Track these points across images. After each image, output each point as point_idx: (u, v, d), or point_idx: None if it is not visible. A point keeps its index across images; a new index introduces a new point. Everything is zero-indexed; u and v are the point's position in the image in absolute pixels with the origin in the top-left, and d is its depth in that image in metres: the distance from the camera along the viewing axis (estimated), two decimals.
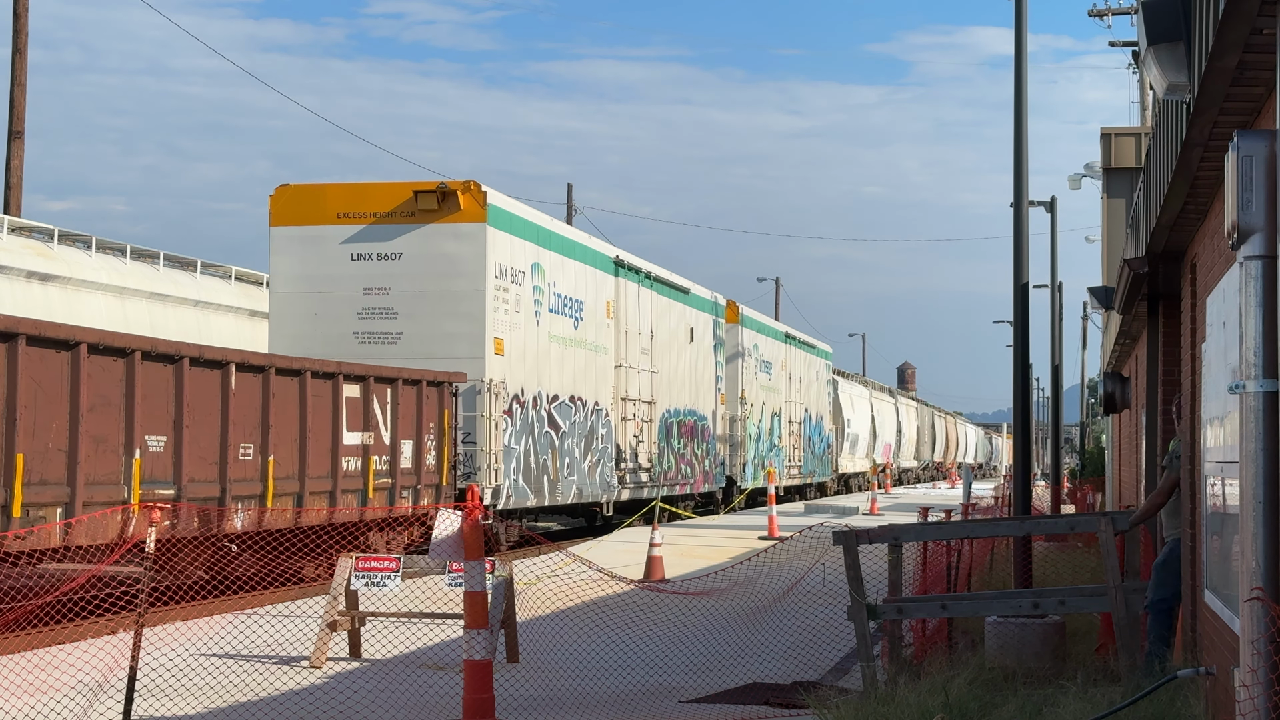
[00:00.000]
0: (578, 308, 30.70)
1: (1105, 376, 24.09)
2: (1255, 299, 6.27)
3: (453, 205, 25.87)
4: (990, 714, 10.03)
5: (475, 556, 10.61)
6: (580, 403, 30.62)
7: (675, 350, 38.52)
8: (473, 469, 25.32)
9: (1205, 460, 9.66)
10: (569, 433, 29.85)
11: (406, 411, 23.06)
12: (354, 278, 26.10)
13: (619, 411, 33.26)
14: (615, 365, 33.13)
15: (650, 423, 35.70)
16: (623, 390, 33.52)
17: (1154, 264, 13.15)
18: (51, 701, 11.32)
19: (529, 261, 27.79)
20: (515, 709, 11.42)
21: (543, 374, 28.39)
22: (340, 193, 26.65)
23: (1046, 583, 18.34)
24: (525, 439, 27.36)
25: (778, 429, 51.44)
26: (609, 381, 32.78)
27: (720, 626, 15.77)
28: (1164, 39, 7.52)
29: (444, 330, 25.71)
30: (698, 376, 41.04)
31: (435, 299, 25.79)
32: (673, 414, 38.13)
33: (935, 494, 66.55)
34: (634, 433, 34.32)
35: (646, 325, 35.64)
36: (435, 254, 25.79)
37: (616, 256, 33.74)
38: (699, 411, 41.09)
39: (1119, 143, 28.52)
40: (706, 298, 42.54)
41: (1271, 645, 6.08)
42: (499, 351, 26.12)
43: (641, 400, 34.94)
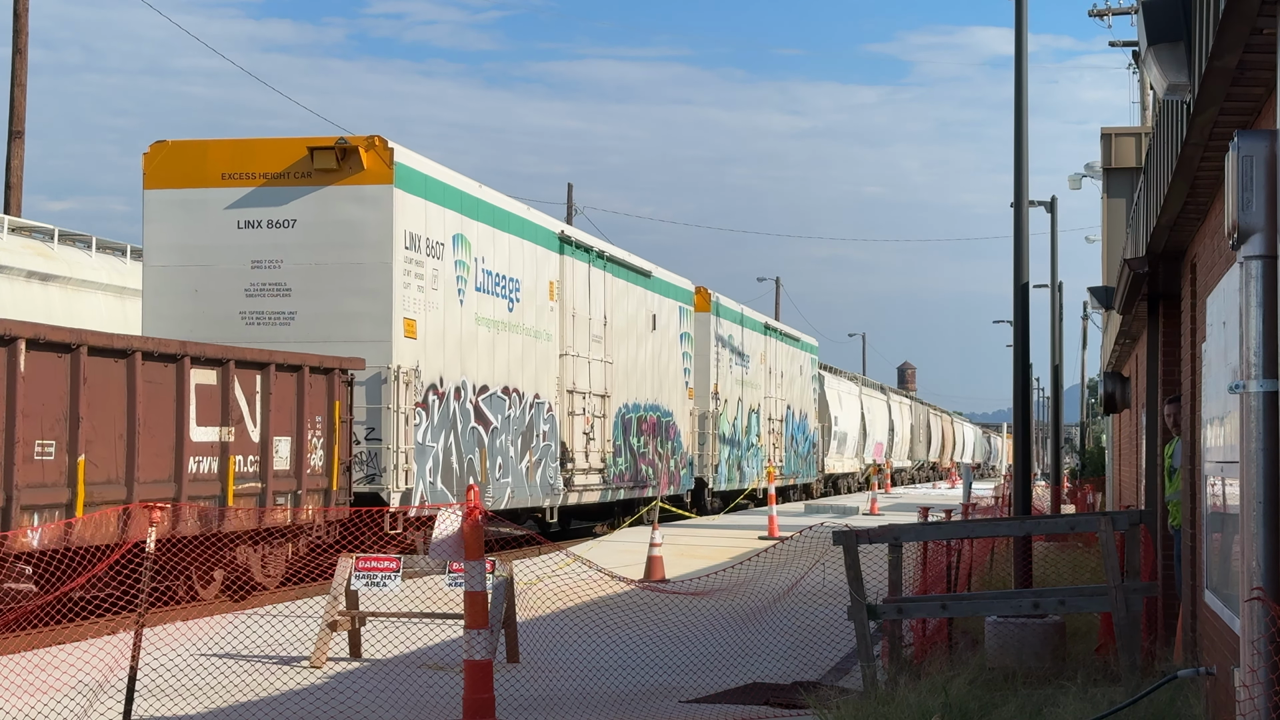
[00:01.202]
0: (513, 287, 27.36)
1: (1105, 376, 24.08)
2: (1255, 299, 6.27)
3: (354, 164, 22.60)
4: (990, 714, 10.03)
5: (475, 556, 10.62)
6: (517, 395, 27.37)
7: (634, 339, 35.11)
8: (377, 470, 22.22)
9: (1205, 460, 9.66)
10: (502, 429, 26.58)
11: (282, 403, 19.71)
12: (241, 249, 22.81)
13: (565, 405, 29.96)
14: (561, 354, 29.84)
15: (604, 418, 32.30)
16: (569, 381, 30.14)
17: (1154, 264, 13.14)
18: (51, 701, 11.32)
19: (450, 232, 24.48)
20: (515, 709, 11.42)
21: (468, 361, 25.20)
22: (224, 150, 23.20)
23: (1046, 583, 18.34)
24: (445, 435, 24.19)
25: (756, 426, 48.37)
26: (552, 371, 29.45)
27: (720, 626, 15.76)
28: (1164, 39, 7.52)
29: (345, 309, 22.52)
30: (661, 368, 37.66)
31: (335, 273, 22.61)
32: (631, 409, 34.72)
33: (935, 494, 66.54)
34: (583, 429, 30.95)
35: (599, 310, 32.15)
36: (334, 221, 22.60)
37: (562, 232, 30.41)
38: (663, 407, 37.71)
39: (1119, 143, 28.51)
40: (672, 282, 39.16)
41: (1272, 645, 6.08)
42: (410, 334, 22.93)
43: (593, 393, 31.61)
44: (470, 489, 11.17)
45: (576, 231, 31.71)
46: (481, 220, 25.89)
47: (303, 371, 20.14)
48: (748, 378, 47.32)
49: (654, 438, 36.68)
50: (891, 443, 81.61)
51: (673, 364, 38.80)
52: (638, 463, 35.17)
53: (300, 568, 20.76)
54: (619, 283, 33.80)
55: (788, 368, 53.91)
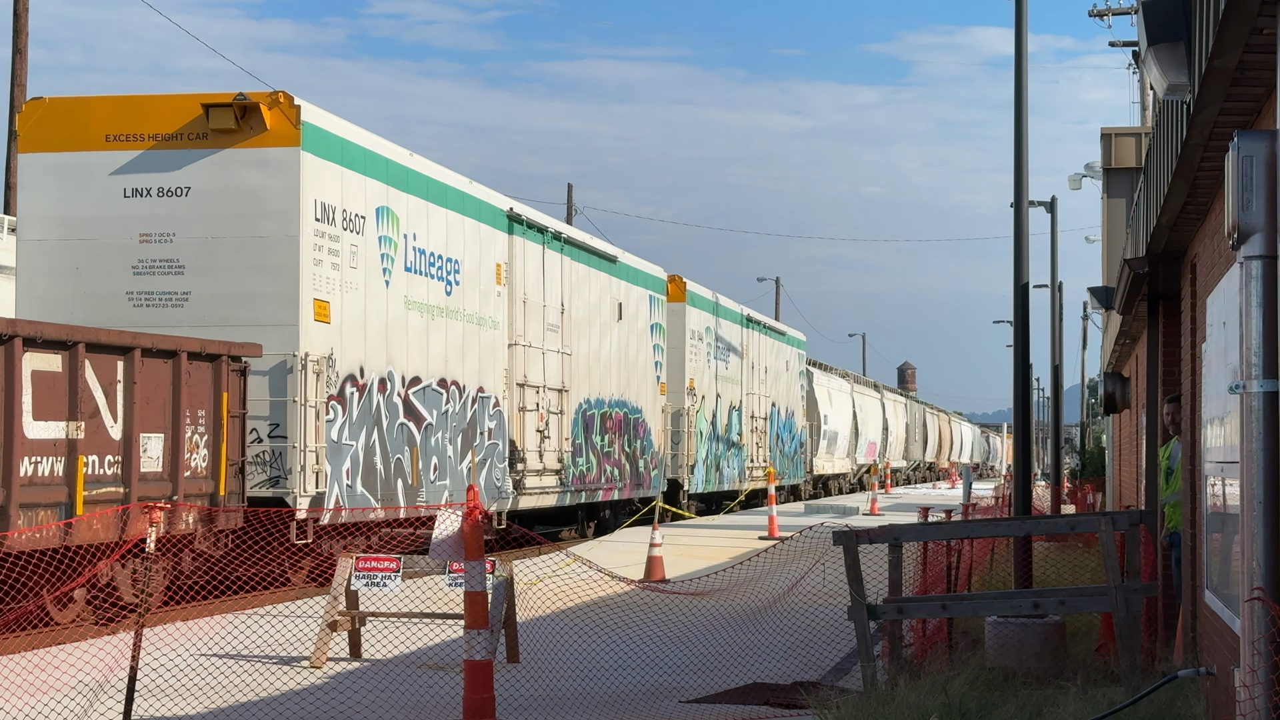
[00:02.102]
0: (451, 269, 24.60)
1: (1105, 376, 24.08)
2: (1256, 299, 6.27)
3: (256, 124, 19.98)
4: (990, 714, 10.03)
5: (475, 556, 10.62)
6: (456, 388, 24.64)
7: (597, 329, 32.25)
8: (282, 471, 19.56)
9: (1205, 460, 9.66)
10: (438, 425, 23.89)
11: (152, 394, 16.98)
12: (127, 220, 20.16)
13: (515, 400, 27.19)
14: (510, 343, 27.06)
15: (561, 415, 29.55)
16: (520, 374, 27.34)
17: (1154, 264, 13.15)
18: (51, 701, 11.32)
19: (373, 204, 21.91)
20: (515, 709, 11.42)
21: (396, 350, 22.58)
22: (109, 108, 20.49)
23: (1046, 583, 18.34)
24: (367, 432, 21.54)
25: (737, 424, 45.70)
26: (500, 363, 26.61)
27: (720, 626, 15.77)
28: (1164, 39, 7.52)
29: (246, 289, 19.96)
30: (629, 361, 34.75)
31: (234, 248, 20.00)
32: (594, 405, 31.91)
33: (935, 494, 66.56)
34: (537, 426, 28.18)
35: (555, 296, 29.35)
36: (234, 188, 19.99)
37: (510, 209, 27.31)
38: (631, 403, 34.77)
39: (1119, 143, 28.52)
40: (641, 269, 36.26)
41: (1272, 645, 6.08)
42: (322, 317, 20.35)
43: (548, 387, 28.85)
44: (470, 489, 11.17)
45: (529, 210, 28.48)
46: (412, 193, 23.31)
47: (179, 358, 17.44)
48: (728, 373, 44.79)
49: (620, 436, 33.89)
50: (886, 442, 79.17)
51: (642, 357, 36.02)
52: (602, 463, 32.42)
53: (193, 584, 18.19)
54: (579, 268, 31.07)
55: (772, 363, 51.42)
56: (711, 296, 43.20)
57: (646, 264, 36.89)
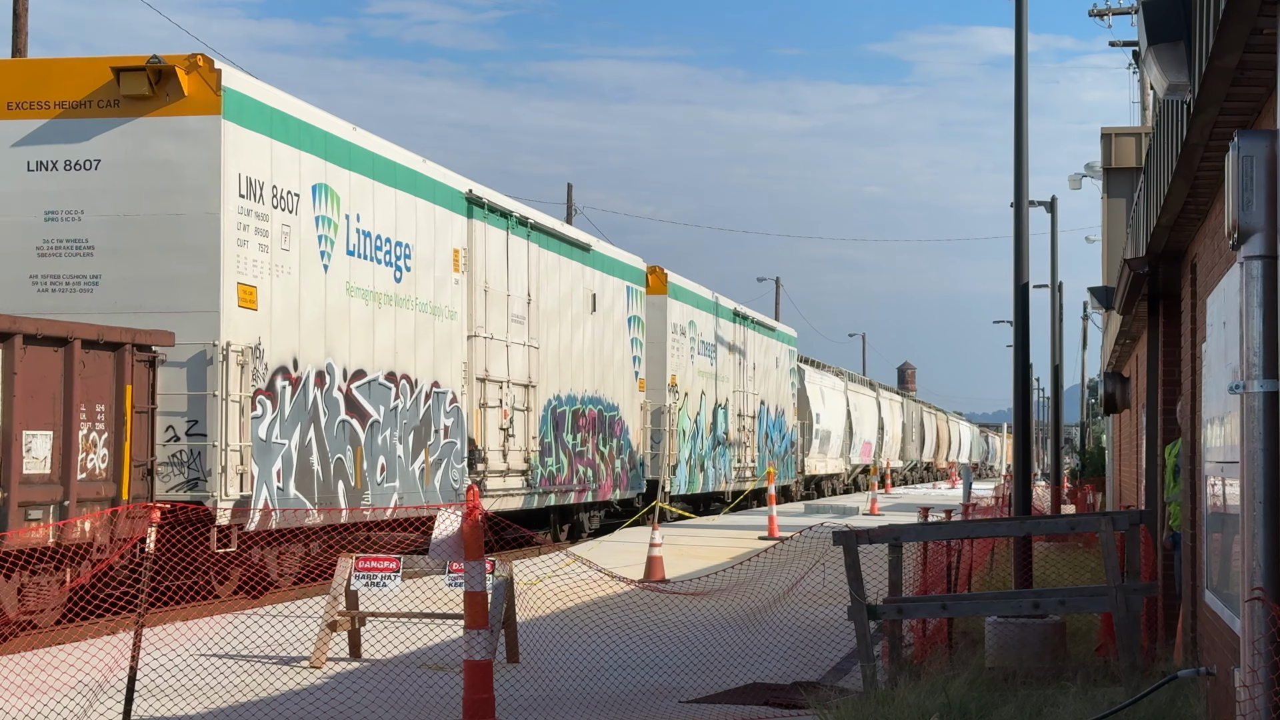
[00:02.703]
0: (401, 254, 22.79)
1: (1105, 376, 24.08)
2: (1256, 299, 6.27)
3: (173, 90, 18.11)
4: (990, 714, 10.03)
5: (475, 556, 10.62)
6: (407, 382, 22.84)
7: (569, 321, 30.38)
8: (201, 473, 17.79)
9: (1205, 460, 9.66)
10: (385, 422, 22.09)
11: (38, 386, 15.36)
12: (31, 197, 18.34)
13: (475, 395, 25.34)
14: (469, 335, 25.19)
15: (528, 412, 27.66)
16: (480, 368, 25.50)
17: (1154, 264, 13.15)
18: (51, 701, 11.33)
19: (309, 181, 20.04)
20: (515, 709, 11.42)
21: (337, 340, 20.74)
22: (12, 72, 18.88)
23: (1046, 583, 18.35)
24: (302, 430, 19.69)
25: (723, 423, 43.84)
26: (458, 355, 24.83)
27: (720, 627, 15.77)
28: (1164, 39, 7.52)
29: (161, 272, 18.13)
30: (605, 356, 32.81)
31: (148, 227, 18.15)
32: (565, 401, 30.03)
33: (935, 494, 66.57)
34: (500, 424, 26.35)
35: (520, 286, 27.44)
36: (148, 161, 18.17)
37: (470, 191, 25.35)
38: (606, 399, 32.84)
39: (1119, 143, 28.52)
40: (618, 259, 34.23)
41: (1272, 645, 6.08)
42: (247, 303, 18.57)
43: (513, 382, 26.93)
44: (470, 489, 11.16)
45: (490, 192, 26.48)
46: (356, 170, 21.47)
47: (71, 346, 15.75)
48: (713, 369, 42.88)
49: (595, 435, 31.96)
50: (881, 442, 77.24)
51: (619, 351, 33.97)
52: (574, 464, 30.46)
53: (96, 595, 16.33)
54: (548, 255, 29.13)
55: (761, 359, 49.55)
56: (695, 289, 41.56)
57: (624, 254, 34.96)
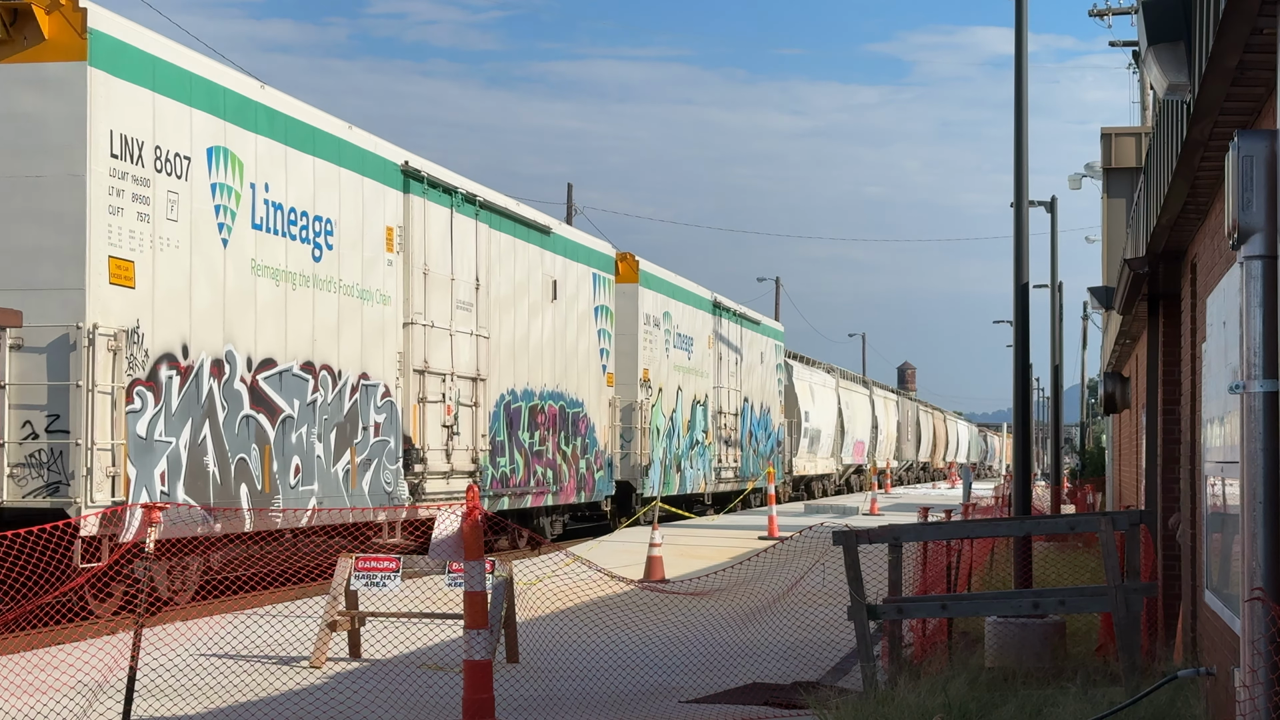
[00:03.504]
0: (322, 229, 20.43)
1: (1105, 376, 24.09)
2: (1256, 299, 6.27)
3: (30, 33, 15.97)
4: (990, 714, 10.03)
5: (475, 556, 10.62)
6: (329, 374, 20.48)
7: (525, 309, 28.01)
8: (63, 475, 15.69)
9: (1205, 460, 9.66)
10: (301, 418, 19.72)
11: None
12: None
13: (412, 389, 23.01)
14: (405, 322, 22.90)
15: (476, 407, 25.30)
16: (419, 359, 23.20)
17: (1154, 264, 13.15)
18: (51, 701, 11.33)
19: (204, 143, 17.73)
20: (515, 709, 11.42)
21: (239, 325, 18.40)
22: None
23: (1046, 583, 18.35)
24: (193, 426, 17.35)
25: (702, 420, 41.53)
26: (392, 344, 22.52)
27: (720, 626, 15.77)
28: (1164, 39, 7.52)
29: (17, 243, 16.07)
30: (568, 348, 30.46)
31: (3, 192, 16.14)
32: (521, 397, 27.69)
33: (935, 494, 66.57)
34: (443, 421, 24.08)
35: (467, 269, 25.09)
36: (3, 115, 16.19)
37: (406, 163, 23.05)
38: (569, 395, 30.52)
39: (1119, 143, 28.52)
40: (583, 244, 32.00)
41: (1272, 645, 6.08)
42: (121, 280, 16.35)
43: (458, 375, 24.60)
44: (470, 488, 11.16)
45: (431, 165, 24.00)
46: (264, 133, 19.13)
47: None
48: (691, 364, 40.46)
49: (556, 433, 29.62)
50: (875, 441, 74.84)
51: (584, 343, 31.66)
52: (531, 464, 28.08)
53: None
54: (501, 238, 26.71)
55: (745, 354, 47.07)
56: (670, 278, 39.31)
57: (590, 238, 32.97)
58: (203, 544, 17.80)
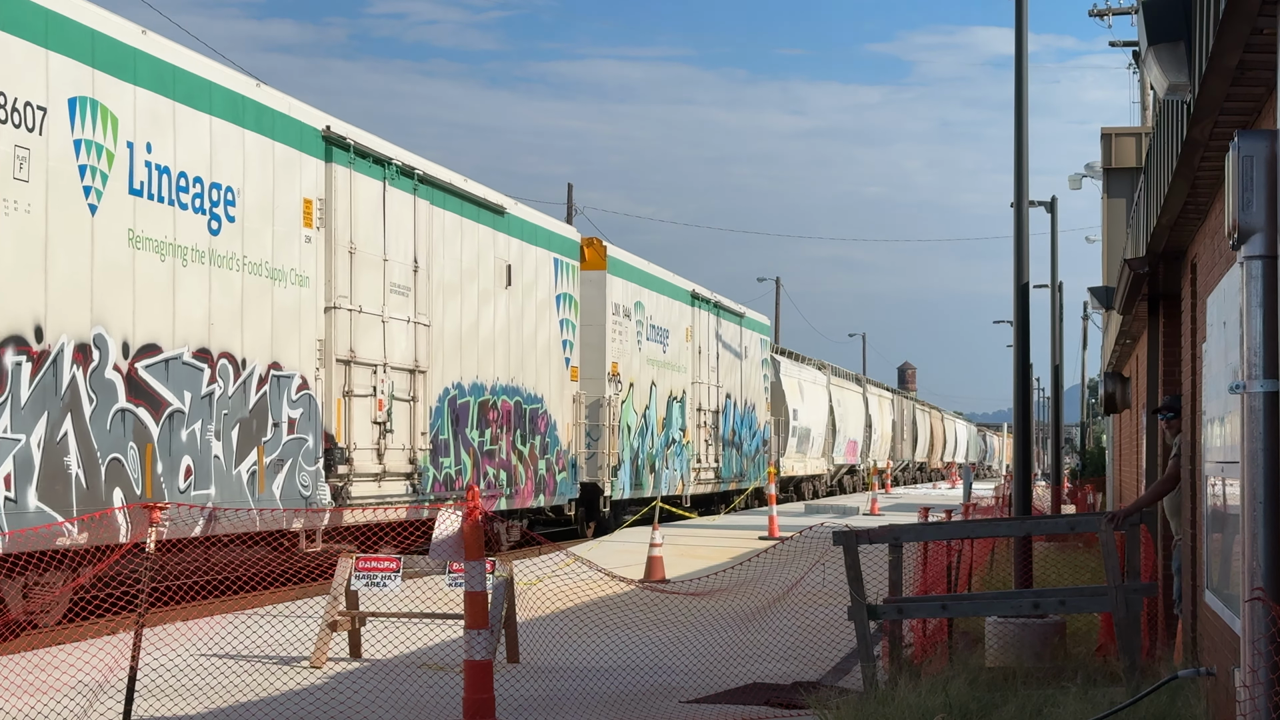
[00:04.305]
0: (221, 199, 17.93)
1: (1105, 376, 24.11)
2: (1256, 299, 6.27)
3: None
4: (990, 714, 10.03)
5: (475, 556, 10.62)
6: (230, 362, 18.06)
7: (475, 295, 25.52)
8: None
9: (1205, 460, 9.66)
10: (194, 412, 17.26)
11: None
12: None
13: (336, 381, 20.56)
14: (327, 306, 20.43)
15: (414, 402, 22.85)
16: (344, 347, 20.78)
17: (1154, 264, 13.16)
18: (51, 701, 11.33)
19: (65, 92, 15.38)
20: (515, 709, 11.42)
21: (112, 305, 16.09)
22: None
23: (1046, 583, 18.35)
24: (50, 422, 15.02)
25: (678, 418, 39.09)
26: (310, 331, 19.98)
27: (720, 627, 15.77)
28: (1164, 39, 7.53)
29: None
30: (524, 338, 27.91)
31: None
32: (469, 390, 25.21)
33: (935, 494, 66.59)
34: (374, 417, 21.64)
35: (404, 250, 22.70)
36: None
37: (328, 128, 20.52)
38: (527, 390, 27.98)
39: (1119, 143, 28.55)
40: (543, 226, 29.29)
41: (1272, 645, 6.08)
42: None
43: (392, 366, 22.22)
44: (470, 489, 11.16)
45: (360, 133, 21.61)
46: (146, 85, 16.72)
47: None
48: (666, 358, 37.94)
49: (511, 430, 27.09)
50: (869, 441, 72.32)
51: (544, 334, 29.16)
52: (481, 465, 25.64)
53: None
54: (446, 216, 24.27)
55: (726, 348, 44.57)
56: (643, 265, 36.58)
57: (553, 221, 30.45)
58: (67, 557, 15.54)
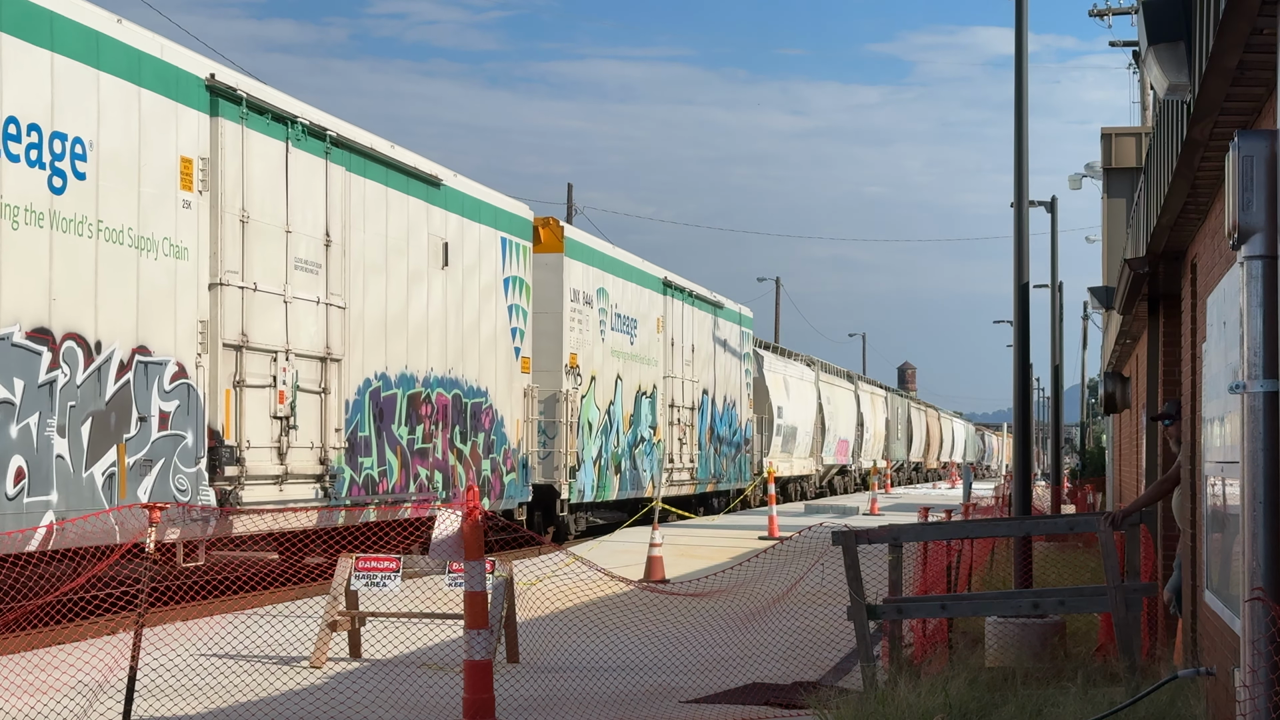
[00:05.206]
0: (66, 151, 15.47)
1: (1105, 376, 24.10)
2: (1256, 299, 6.27)
3: None
4: (990, 714, 10.03)
5: (475, 556, 10.62)
6: (78, 345, 15.61)
7: (404, 276, 22.90)
8: None
9: (1205, 460, 9.66)
10: (28, 404, 14.88)
11: None
12: None
13: (223, 369, 18.02)
14: (212, 283, 17.92)
15: (325, 394, 20.21)
16: (234, 331, 18.25)
17: (1154, 264, 13.16)
18: (51, 701, 11.33)
19: None
20: (515, 709, 11.42)
21: None
22: None
23: (1046, 583, 18.35)
24: None
25: (648, 415, 36.44)
26: (189, 310, 17.38)
27: (720, 627, 15.77)
28: (1164, 39, 7.52)
29: None
30: (465, 325, 25.20)
31: None
32: (397, 382, 22.55)
33: (935, 494, 66.59)
34: (273, 409, 19.07)
35: (312, 220, 20.02)
36: None
37: (212, 76, 17.92)
38: (468, 382, 25.20)
39: (1119, 143, 28.54)
40: (488, 202, 26.40)
41: (1272, 645, 6.08)
42: None
43: (296, 353, 19.57)
44: (470, 488, 11.16)
45: (257, 85, 19.13)
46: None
47: None
48: (634, 349, 35.39)
49: (448, 427, 24.41)
50: (861, 440, 69.32)
51: (489, 321, 26.34)
52: (411, 465, 23.08)
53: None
54: (368, 185, 21.77)
55: (703, 341, 41.79)
56: (606, 249, 34.07)
57: (500, 196, 27.29)
58: None
